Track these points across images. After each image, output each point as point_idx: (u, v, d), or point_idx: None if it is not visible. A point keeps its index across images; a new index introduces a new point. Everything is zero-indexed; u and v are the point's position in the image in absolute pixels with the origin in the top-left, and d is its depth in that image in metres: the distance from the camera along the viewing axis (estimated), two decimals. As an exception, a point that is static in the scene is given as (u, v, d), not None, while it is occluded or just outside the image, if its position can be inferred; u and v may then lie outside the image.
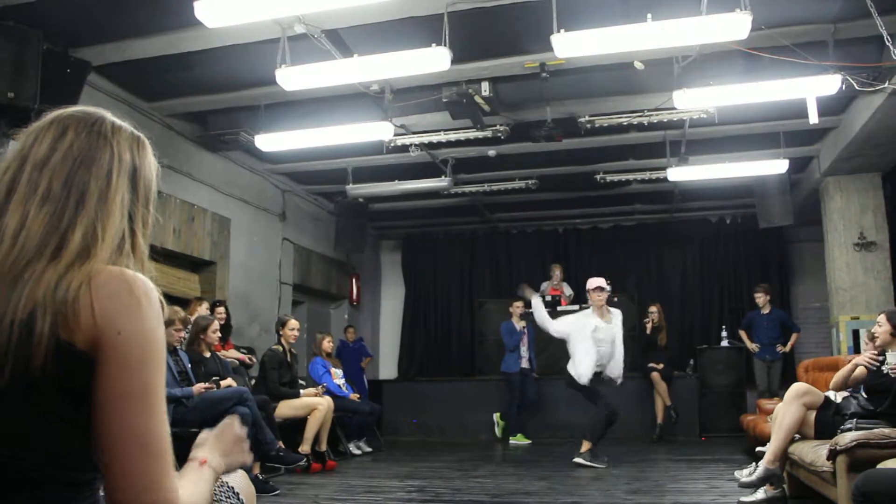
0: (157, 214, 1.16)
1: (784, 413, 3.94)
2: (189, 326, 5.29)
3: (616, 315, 6.31)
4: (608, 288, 6.27)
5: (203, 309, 6.03)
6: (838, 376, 3.97)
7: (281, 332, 6.40)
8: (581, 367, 6.04)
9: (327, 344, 7.55)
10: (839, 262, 7.61)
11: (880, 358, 3.71)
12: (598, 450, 6.04)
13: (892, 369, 3.56)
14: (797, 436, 3.97)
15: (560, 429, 8.75)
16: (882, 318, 3.78)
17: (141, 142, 1.15)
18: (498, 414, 8.95)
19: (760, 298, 8.49)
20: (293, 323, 6.48)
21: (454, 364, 10.71)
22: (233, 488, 1.33)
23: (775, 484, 3.95)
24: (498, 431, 8.92)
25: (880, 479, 2.43)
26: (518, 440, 8.43)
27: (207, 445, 1.20)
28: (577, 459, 5.96)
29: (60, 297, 0.94)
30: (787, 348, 8.36)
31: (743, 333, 8.56)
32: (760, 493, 3.95)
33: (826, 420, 3.83)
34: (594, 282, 6.26)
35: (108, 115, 1.13)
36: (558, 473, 5.64)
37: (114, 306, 0.95)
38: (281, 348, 6.37)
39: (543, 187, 8.53)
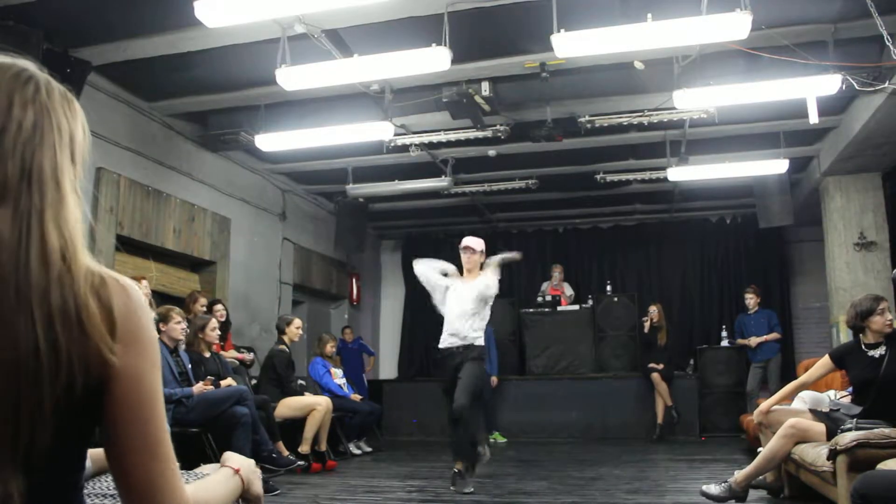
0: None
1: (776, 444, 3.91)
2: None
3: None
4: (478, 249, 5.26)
5: (200, 305, 6.02)
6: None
7: (286, 331, 6.44)
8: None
9: (330, 347, 7.56)
10: (839, 261, 7.61)
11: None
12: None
13: None
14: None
15: (560, 429, 8.78)
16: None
17: (71, 103, 0.95)
18: None
19: (752, 300, 8.50)
20: (297, 322, 6.58)
21: (454, 364, 10.68)
22: None
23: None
24: None
25: (879, 482, 2.43)
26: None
27: (239, 461, 1.19)
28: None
29: (71, 311, 0.85)
30: (753, 343, 8.28)
31: (740, 341, 8.58)
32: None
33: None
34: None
35: (38, 73, 0.92)
36: (558, 473, 5.64)
37: (120, 315, 0.89)
38: (287, 349, 6.42)
39: (543, 187, 8.52)
